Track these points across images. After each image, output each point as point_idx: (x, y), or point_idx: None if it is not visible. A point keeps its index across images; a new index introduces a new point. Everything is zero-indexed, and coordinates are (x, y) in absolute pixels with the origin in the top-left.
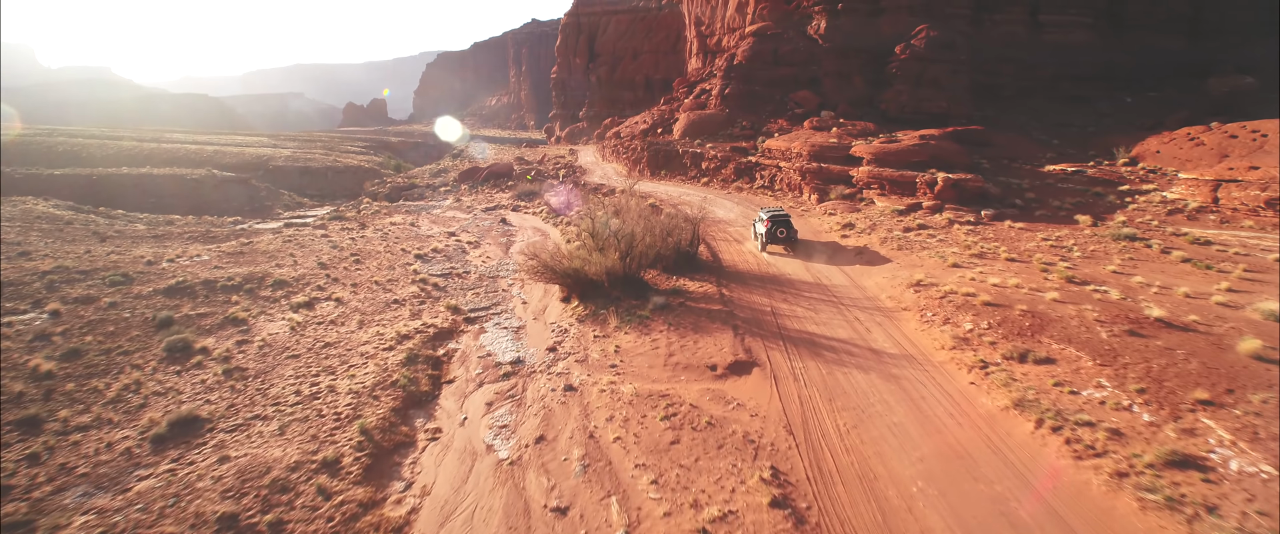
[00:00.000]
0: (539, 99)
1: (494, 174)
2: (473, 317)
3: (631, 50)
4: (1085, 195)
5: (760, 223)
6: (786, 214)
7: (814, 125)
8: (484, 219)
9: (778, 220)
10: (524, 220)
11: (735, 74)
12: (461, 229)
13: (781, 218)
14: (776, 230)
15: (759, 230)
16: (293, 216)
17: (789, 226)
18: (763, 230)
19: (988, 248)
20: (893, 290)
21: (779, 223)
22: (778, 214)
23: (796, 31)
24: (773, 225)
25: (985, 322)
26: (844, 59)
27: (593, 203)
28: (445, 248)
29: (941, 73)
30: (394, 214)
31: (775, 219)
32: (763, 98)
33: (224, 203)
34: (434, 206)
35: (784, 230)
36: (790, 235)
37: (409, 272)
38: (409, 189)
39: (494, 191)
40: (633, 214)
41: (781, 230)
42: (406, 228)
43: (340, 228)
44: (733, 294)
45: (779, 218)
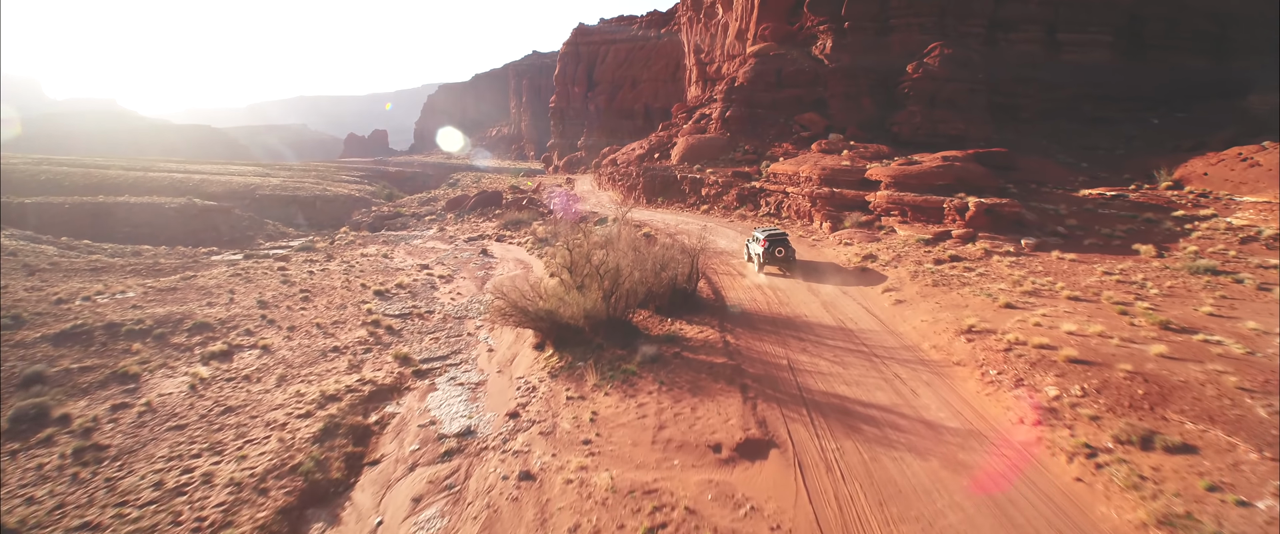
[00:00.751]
0: (539, 129)
1: (481, 202)
2: (424, 369)
3: (630, 79)
4: (1136, 222)
5: (756, 243)
6: (784, 233)
7: (822, 148)
8: (464, 250)
9: (775, 240)
10: (507, 251)
11: (736, 96)
12: (437, 261)
13: (778, 237)
14: (774, 250)
15: (755, 251)
16: (273, 246)
17: (787, 246)
18: (759, 251)
19: (1041, 284)
20: (938, 337)
21: (776, 242)
22: (774, 233)
23: (800, 52)
24: (770, 245)
25: (1077, 386)
26: (851, 79)
27: (575, 231)
28: (412, 283)
29: (958, 92)
30: (370, 244)
31: (773, 238)
32: (766, 121)
33: (203, 232)
34: (415, 236)
35: (782, 250)
36: (789, 255)
37: (362, 311)
38: (394, 218)
39: (480, 221)
40: (623, 245)
41: (780, 250)
42: (377, 260)
43: (305, 260)
44: (739, 342)
45: (776, 237)
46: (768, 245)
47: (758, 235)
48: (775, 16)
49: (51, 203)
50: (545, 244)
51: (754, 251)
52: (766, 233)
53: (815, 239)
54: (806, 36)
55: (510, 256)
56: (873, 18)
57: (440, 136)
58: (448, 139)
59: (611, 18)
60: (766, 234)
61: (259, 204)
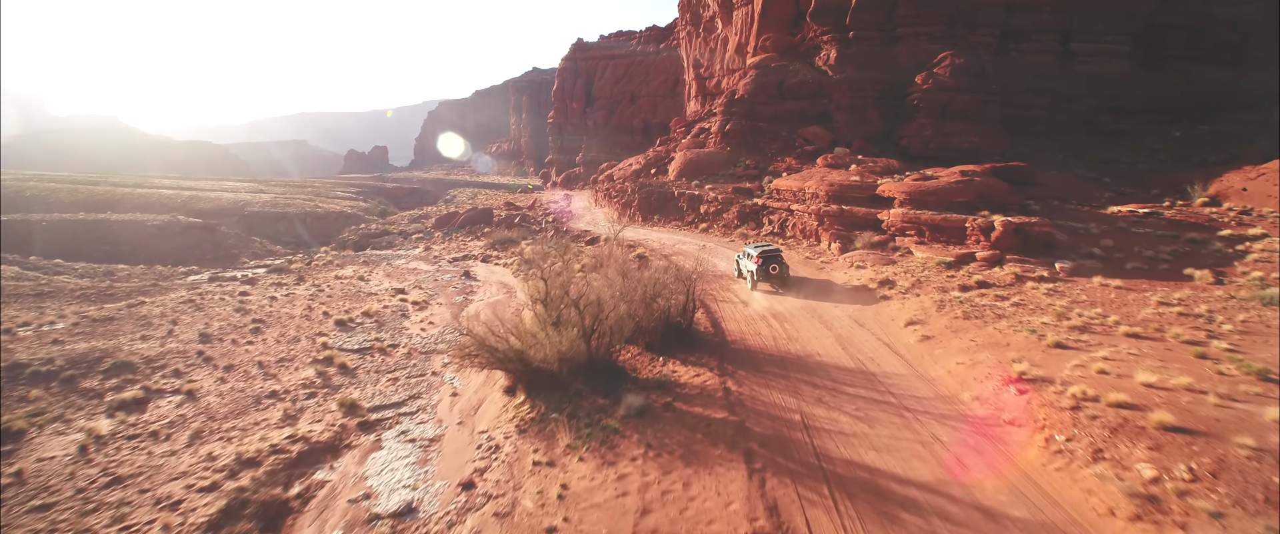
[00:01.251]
0: (539, 146)
1: (471, 220)
2: (373, 419)
3: (629, 94)
4: (1179, 243)
5: (748, 259)
6: (777, 249)
7: (828, 163)
8: (447, 271)
9: (768, 256)
10: (492, 273)
11: (737, 109)
12: (416, 284)
13: (772, 253)
14: (768, 266)
15: (748, 267)
16: (255, 265)
17: (781, 262)
18: (752, 267)
19: (1090, 317)
20: (980, 384)
21: (770, 258)
22: (768, 249)
23: (803, 63)
24: (764, 261)
25: (1183, 464)
26: (857, 91)
27: (562, 251)
28: (382, 310)
29: (970, 104)
30: (349, 265)
31: (766, 255)
32: (768, 134)
33: (184, 250)
34: (399, 256)
35: (776, 266)
36: (783, 272)
37: (316, 345)
38: (381, 236)
39: (468, 239)
40: (611, 270)
41: (774, 266)
42: (351, 283)
43: (274, 282)
44: (742, 390)
45: (769, 253)
46: (761, 262)
47: (750, 251)
48: (776, 27)
49: (30, 220)
50: (531, 267)
51: (747, 268)
52: (760, 249)
53: (824, 261)
54: (809, 47)
55: (494, 279)
56: (879, 27)
57: (441, 142)
58: (448, 145)
59: (610, 33)
60: (760, 250)
61: (248, 221)
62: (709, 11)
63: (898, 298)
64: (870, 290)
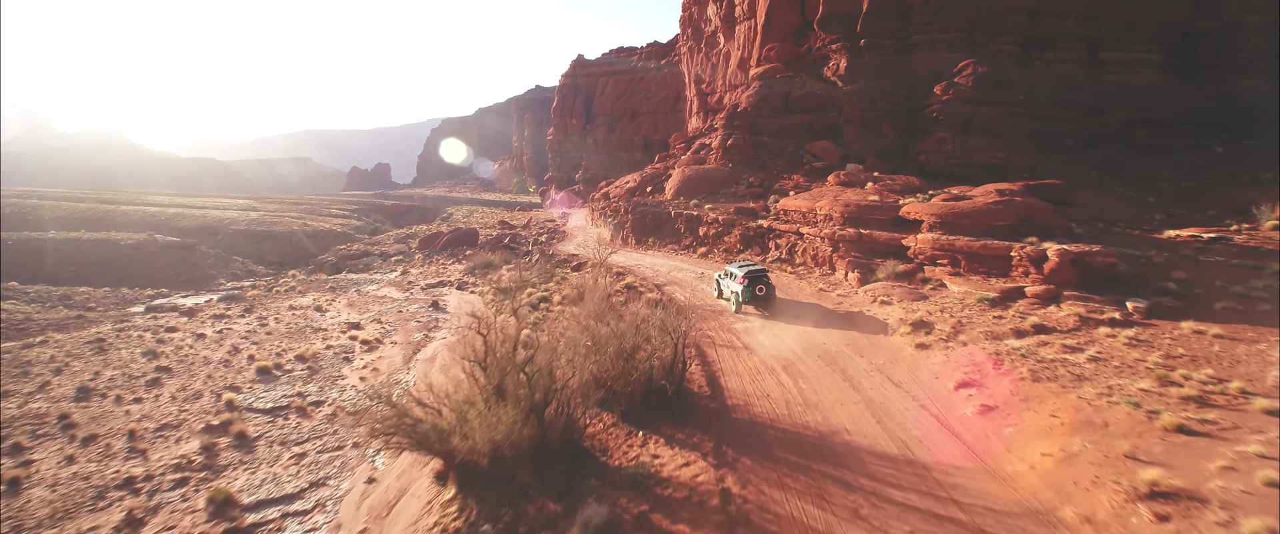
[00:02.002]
0: (541, 163)
1: (454, 242)
2: (248, 524)
3: (629, 111)
4: (1267, 275)
5: (732, 279)
6: (763, 268)
7: (840, 181)
8: (418, 299)
9: (754, 276)
10: (465, 303)
11: (739, 123)
12: (376, 316)
13: (758, 273)
14: (755, 287)
15: (732, 288)
16: (232, 286)
17: (768, 283)
18: (737, 288)
19: (1202, 381)
20: (1084, 494)
21: (757, 279)
22: (753, 269)
23: (811, 74)
24: (750, 282)
25: None
26: (870, 103)
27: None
28: (322, 352)
29: (995, 116)
30: (312, 292)
31: (753, 275)
32: (772, 150)
33: (157, 271)
34: (372, 281)
35: (763, 287)
36: (769, 293)
37: (220, 404)
38: (361, 257)
39: (449, 262)
40: (585, 311)
41: (761, 287)
42: (305, 314)
43: (214, 315)
44: (748, 492)
45: (755, 273)
46: (747, 282)
47: (734, 271)
48: (782, 36)
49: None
50: (506, 296)
51: (731, 289)
52: (745, 269)
53: (841, 293)
54: (817, 58)
55: (465, 310)
56: (892, 34)
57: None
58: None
59: (612, 49)
60: (745, 270)
61: (231, 240)
62: (710, 26)
63: (938, 346)
64: (900, 332)
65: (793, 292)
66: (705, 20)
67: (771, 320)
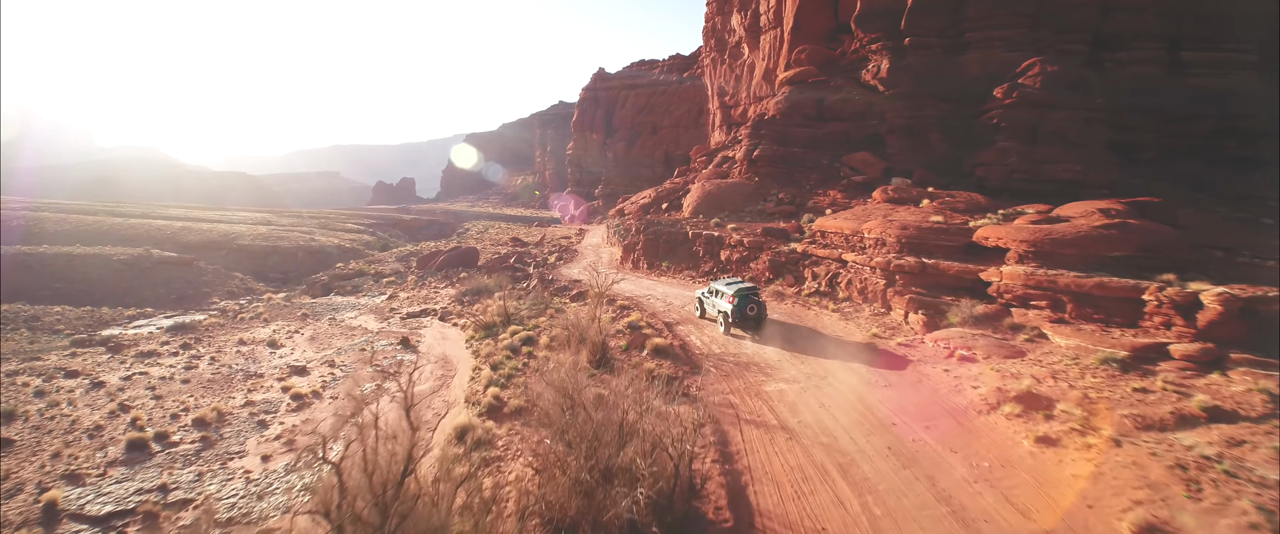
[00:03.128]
0: (562, 178)
1: (451, 262)
2: None
3: (650, 125)
4: None
5: (720, 297)
6: (753, 286)
7: (888, 197)
8: (393, 333)
9: (745, 295)
10: (442, 339)
11: (767, 132)
12: (332, 356)
13: (747, 292)
14: (746, 307)
15: (720, 308)
16: (225, 306)
17: (759, 303)
18: (727, 308)
19: None
20: None
21: (747, 298)
22: (743, 286)
23: (847, 79)
24: (741, 301)
25: None
26: (916, 109)
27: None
28: (236, 412)
29: (1069, 123)
30: (279, 319)
31: (743, 293)
32: (804, 163)
33: (148, 288)
34: (355, 306)
35: (754, 307)
36: (760, 313)
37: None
38: (355, 277)
39: (442, 286)
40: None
41: (752, 307)
42: (251, 352)
43: (141, 354)
44: None
45: (746, 292)
46: (737, 301)
47: (721, 288)
48: (814, 38)
49: None
50: (489, 334)
51: (719, 309)
52: (735, 286)
53: (902, 342)
54: (854, 61)
55: (438, 351)
56: (941, 31)
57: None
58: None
59: (633, 62)
60: (735, 287)
61: (235, 255)
62: (734, 37)
63: (1071, 441)
64: (1003, 411)
65: (836, 333)
66: (728, 30)
67: (814, 375)
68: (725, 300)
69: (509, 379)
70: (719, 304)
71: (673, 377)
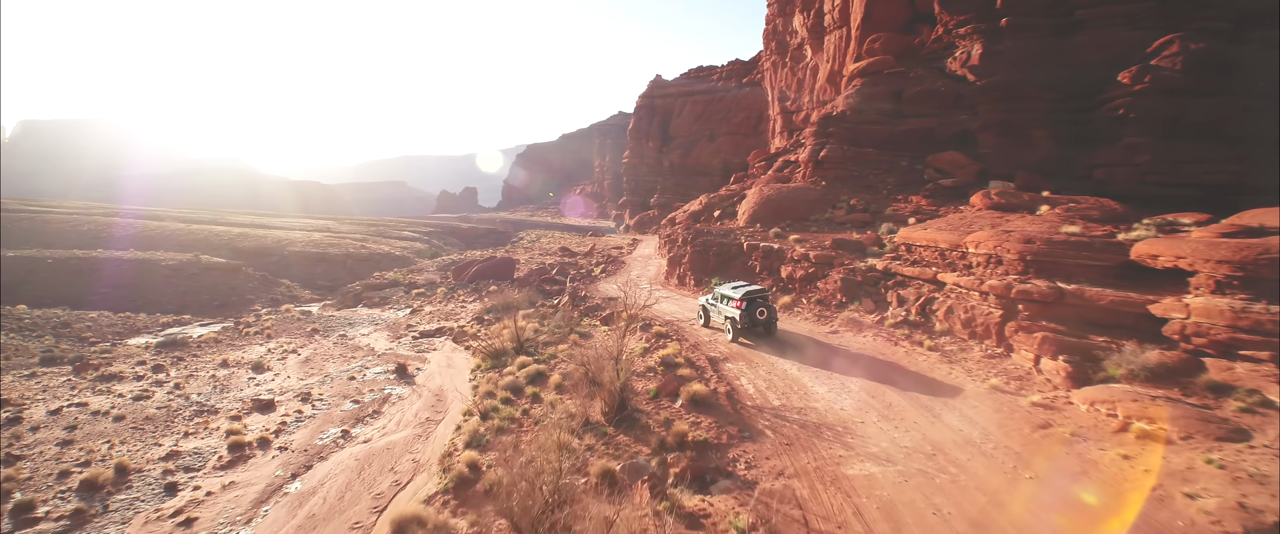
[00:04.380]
0: (619, 189)
1: (484, 273)
2: None
3: (707, 133)
4: None
5: (726, 303)
6: (763, 289)
7: (991, 203)
8: (397, 357)
9: (754, 299)
10: (448, 367)
11: (835, 130)
12: (314, 386)
13: (757, 295)
14: (755, 311)
15: (726, 313)
16: (268, 312)
17: (770, 308)
18: (733, 313)
19: None
20: None
21: (756, 303)
22: (753, 289)
23: (929, 69)
24: (748, 306)
25: None
26: (1015, 101)
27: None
28: (147, 469)
29: (1219, 113)
30: (283, 335)
31: (751, 297)
32: (879, 164)
33: (191, 295)
34: (371, 322)
35: (764, 311)
36: (771, 318)
37: None
38: (388, 287)
39: (470, 299)
40: None
41: (761, 311)
42: (226, 377)
43: (104, 374)
44: None
45: (755, 295)
46: (745, 306)
47: (728, 292)
48: (890, 25)
49: (37, 256)
50: (495, 365)
51: (726, 315)
52: (742, 290)
53: (1039, 400)
54: (937, 49)
55: (434, 384)
56: (1046, 10)
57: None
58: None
59: (690, 69)
60: (743, 291)
61: (285, 261)
62: (796, 38)
63: None
64: None
65: (936, 379)
66: (790, 32)
67: (917, 451)
68: (732, 306)
69: (498, 433)
70: (725, 310)
71: (713, 443)
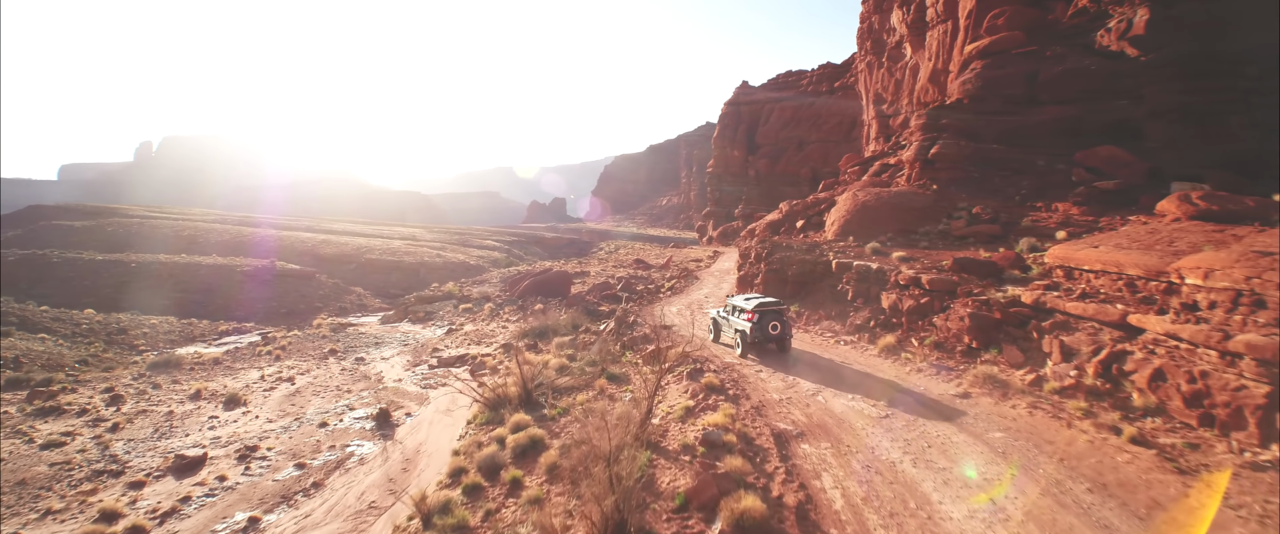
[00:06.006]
0: (705, 199)
1: (533, 290)
2: None
3: (796, 140)
4: None
5: (738, 315)
6: (778, 301)
7: (1195, 211)
8: (397, 395)
9: (767, 311)
10: (449, 407)
11: (949, 122)
12: (274, 433)
13: (771, 307)
14: (768, 325)
15: (737, 326)
16: (336, 321)
17: (784, 322)
18: (744, 326)
19: None
20: None
21: (769, 315)
22: (765, 301)
23: (1071, 45)
24: (760, 319)
25: None
26: (1199, 79)
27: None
28: None
29: None
30: (294, 357)
31: (764, 310)
32: (1007, 164)
33: (260, 302)
34: (399, 342)
35: (777, 325)
36: (784, 333)
37: None
38: (440, 300)
39: (512, 317)
40: None
41: (774, 325)
42: (181, 416)
43: (42, 408)
44: None
45: (769, 307)
46: (757, 319)
47: (739, 303)
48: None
49: (123, 260)
50: (491, 419)
51: (736, 328)
52: (755, 301)
53: None
54: (1082, 21)
55: (412, 442)
56: None
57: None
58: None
59: (778, 73)
60: (755, 303)
61: (361, 269)
62: (894, 36)
63: None
64: None
65: (1168, 497)
66: (888, 30)
67: None
68: (743, 318)
69: None
70: (736, 323)
71: None
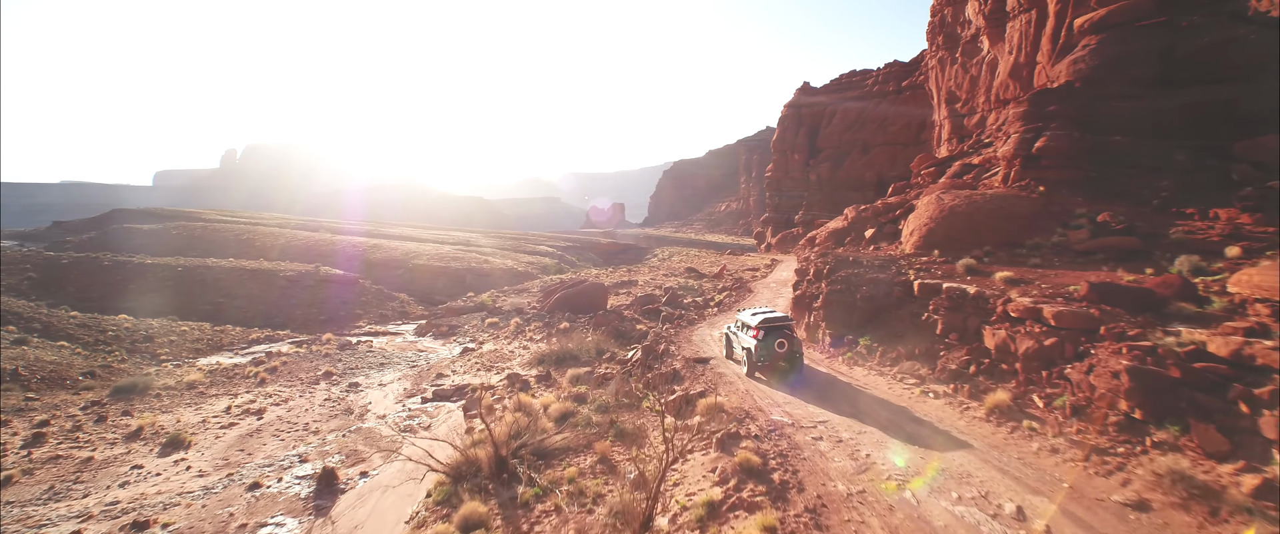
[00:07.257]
0: (763, 205)
1: (562, 305)
2: None
3: (861, 143)
4: None
5: (745, 332)
6: (786, 317)
7: None
8: (371, 440)
9: (774, 327)
10: (420, 461)
11: (1058, 109)
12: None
13: (779, 323)
14: (774, 341)
15: (744, 343)
16: (372, 331)
17: (793, 338)
18: (750, 343)
19: None
20: None
21: (776, 331)
22: (773, 316)
23: (1213, 13)
24: (767, 334)
25: None
26: None
27: None
28: None
29: None
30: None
31: (770, 325)
32: (1137, 159)
33: (299, 308)
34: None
35: (784, 342)
36: (793, 353)
37: None
38: (470, 311)
39: (538, 335)
40: None
41: (782, 342)
42: (99, 464)
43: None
44: None
45: (775, 323)
46: (763, 335)
47: (747, 319)
48: None
49: (165, 264)
50: (449, 497)
51: (743, 346)
52: (762, 316)
53: None
54: None
55: (347, 523)
56: None
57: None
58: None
59: (842, 73)
60: (761, 317)
61: (408, 275)
62: (969, 29)
63: None
64: None
65: None
66: (962, 22)
67: None
68: (749, 335)
69: None
70: (744, 340)
71: None
